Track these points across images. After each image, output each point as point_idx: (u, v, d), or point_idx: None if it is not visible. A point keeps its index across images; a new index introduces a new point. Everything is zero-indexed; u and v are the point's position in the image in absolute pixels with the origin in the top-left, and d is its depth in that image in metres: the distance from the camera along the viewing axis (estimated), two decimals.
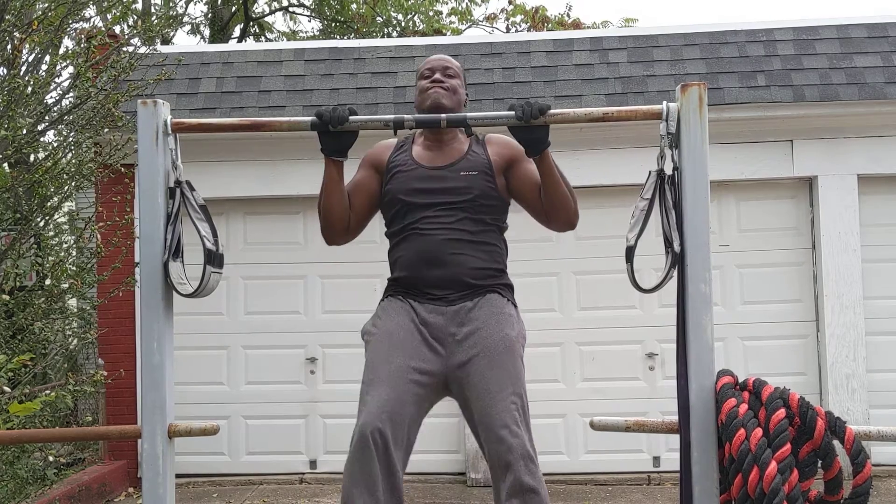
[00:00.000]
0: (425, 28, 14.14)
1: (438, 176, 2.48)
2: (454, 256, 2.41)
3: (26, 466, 5.08)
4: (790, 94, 6.00)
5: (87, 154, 5.29)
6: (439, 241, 2.42)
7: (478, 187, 2.46)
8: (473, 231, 2.45)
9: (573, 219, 2.47)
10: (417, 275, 2.44)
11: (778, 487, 1.78)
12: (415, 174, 2.50)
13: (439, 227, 2.43)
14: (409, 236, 2.47)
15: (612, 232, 5.96)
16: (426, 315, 2.40)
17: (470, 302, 2.41)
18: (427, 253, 2.42)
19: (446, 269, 2.41)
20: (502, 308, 2.43)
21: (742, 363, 6.14)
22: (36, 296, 5.05)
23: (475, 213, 2.46)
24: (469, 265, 2.42)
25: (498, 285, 2.48)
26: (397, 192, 2.50)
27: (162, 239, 2.19)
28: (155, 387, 2.16)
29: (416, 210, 2.46)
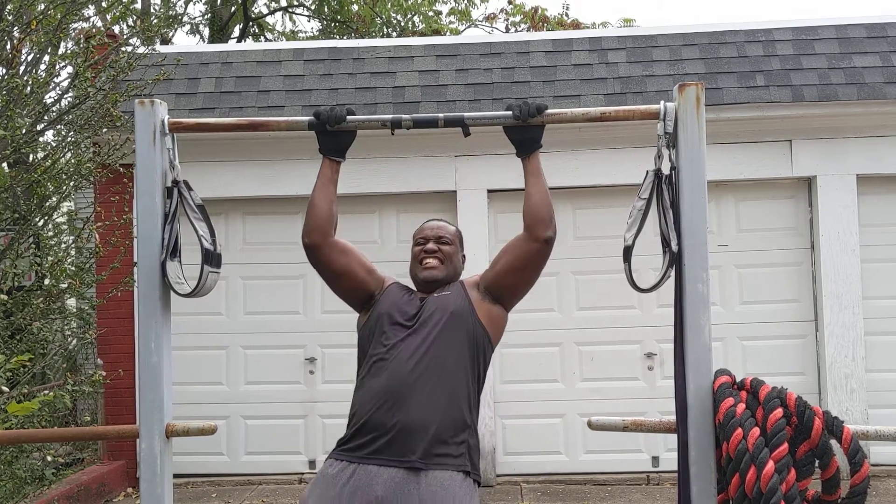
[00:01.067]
0: (424, 28, 14.14)
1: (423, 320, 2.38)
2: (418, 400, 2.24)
3: (24, 466, 5.08)
4: (789, 94, 6.00)
5: (85, 154, 5.29)
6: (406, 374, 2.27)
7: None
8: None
9: (551, 221, 2.31)
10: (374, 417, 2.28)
11: (775, 487, 1.78)
12: (404, 305, 2.42)
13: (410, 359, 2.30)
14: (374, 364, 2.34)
15: (611, 232, 5.97)
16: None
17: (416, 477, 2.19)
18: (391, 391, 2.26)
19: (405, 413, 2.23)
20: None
21: (741, 363, 6.14)
22: (34, 296, 5.05)
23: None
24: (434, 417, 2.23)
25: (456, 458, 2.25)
26: (381, 311, 2.40)
27: (160, 238, 2.19)
28: (153, 386, 2.16)
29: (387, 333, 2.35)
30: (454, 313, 2.35)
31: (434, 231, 2.54)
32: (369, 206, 6.42)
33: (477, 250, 5.94)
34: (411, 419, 2.20)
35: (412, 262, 2.54)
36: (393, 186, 6.33)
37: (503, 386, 6.28)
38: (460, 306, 2.37)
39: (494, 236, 6.24)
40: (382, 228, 6.46)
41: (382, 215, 6.47)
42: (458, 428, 2.26)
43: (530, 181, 2.33)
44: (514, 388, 6.28)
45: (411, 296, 2.46)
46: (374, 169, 6.24)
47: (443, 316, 2.34)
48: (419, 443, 2.19)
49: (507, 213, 6.20)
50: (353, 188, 6.09)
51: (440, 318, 2.34)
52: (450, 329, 2.33)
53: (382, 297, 2.45)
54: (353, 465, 2.23)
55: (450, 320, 2.34)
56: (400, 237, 6.36)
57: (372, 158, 6.18)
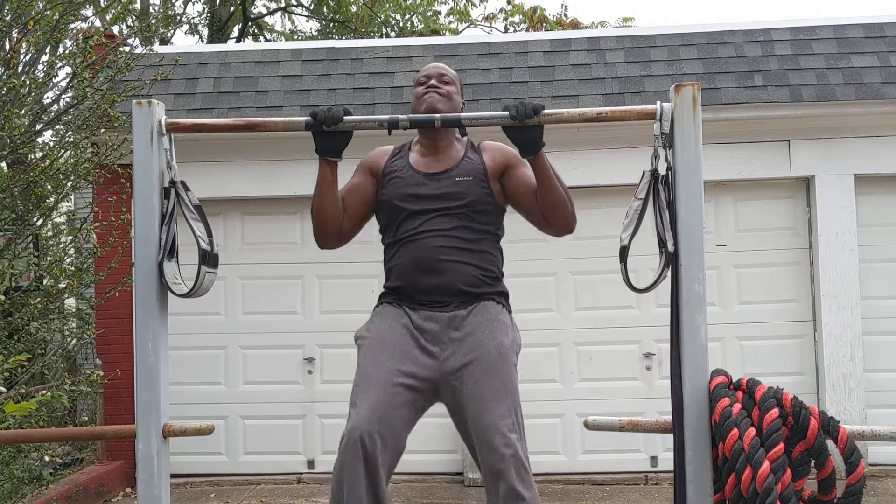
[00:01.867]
0: (423, 28, 14.14)
1: (434, 182, 2.48)
2: (449, 264, 2.40)
3: (22, 467, 5.08)
4: (787, 94, 6.00)
5: (83, 154, 5.28)
6: (434, 248, 2.40)
7: (473, 193, 2.45)
8: (469, 238, 2.44)
9: (571, 222, 2.46)
10: (412, 282, 2.43)
11: (771, 487, 1.78)
12: (410, 180, 2.49)
13: (434, 234, 2.42)
14: (403, 243, 2.46)
15: (609, 232, 5.94)
16: (420, 321, 2.39)
17: (464, 310, 2.40)
18: (421, 260, 2.41)
19: (441, 276, 2.40)
20: (497, 315, 2.42)
21: (739, 363, 6.15)
22: (33, 296, 5.05)
23: (470, 219, 2.45)
24: (464, 272, 2.41)
25: (493, 293, 2.47)
26: (392, 198, 2.49)
27: (157, 239, 2.19)
28: (150, 387, 2.17)
29: (410, 216, 2.46)
30: (474, 202, 2.46)
31: (436, 69, 2.60)
32: None
33: None
34: (445, 283, 2.40)
35: (414, 101, 2.58)
36: None
37: None
38: (480, 196, 2.47)
39: None
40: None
41: None
42: (489, 281, 2.46)
43: (541, 184, 2.39)
44: None
45: (417, 174, 2.50)
46: None
47: (462, 205, 2.44)
48: (457, 296, 2.41)
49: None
50: None
51: (461, 203, 2.44)
52: (471, 217, 2.45)
53: (384, 185, 2.53)
54: (401, 307, 2.44)
55: (470, 209, 2.45)
56: None
57: None
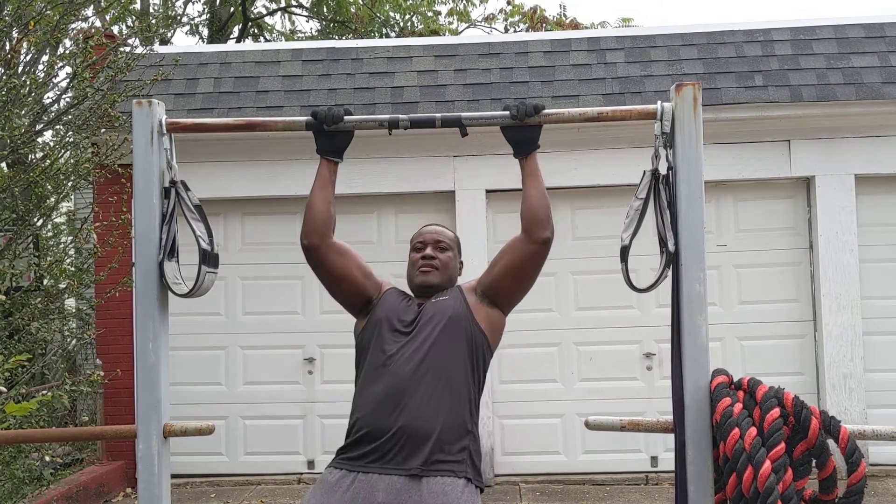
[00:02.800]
0: (423, 28, 14.14)
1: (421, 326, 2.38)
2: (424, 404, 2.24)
3: (23, 467, 5.08)
4: (787, 94, 6.00)
5: (83, 154, 5.28)
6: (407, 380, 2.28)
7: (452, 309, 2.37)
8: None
9: (549, 222, 2.31)
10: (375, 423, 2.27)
11: (772, 486, 1.78)
12: (400, 307, 2.42)
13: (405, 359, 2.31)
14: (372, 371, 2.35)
15: (609, 232, 5.96)
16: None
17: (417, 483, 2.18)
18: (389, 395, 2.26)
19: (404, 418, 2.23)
20: None
21: (740, 363, 6.15)
22: (33, 296, 5.05)
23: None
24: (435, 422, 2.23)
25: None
26: (379, 316, 2.40)
27: (157, 239, 2.19)
28: (150, 387, 2.16)
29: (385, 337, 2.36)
30: (452, 318, 2.35)
31: (432, 236, 2.53)
32: (367, 206, 6.42)
33: (475, 251, 5.95)
34: (413, 424, 2.19)
35: (409, 267, 2.54)
36: (391, 187, 6.33)
37: (502, 386, 6.28)
38: (458, 311, 2.37)
39: (493, 237, 6.24)
40: (381, 229, 6.45)
41: (381, 216, 6.47)
42: (459, 433, 2.25)
43: (528, 182, 2.32)
44: (513, 388, 6.28)
45: (409, 302, 2.46)
46: (373, 169, 6.24)
47: (441, 320, 2.34)
48: (421, 449, 2.18)
49: (505, 213, 6.21)
50: (352, 188, 6.09)
51: (438, 322, 2.34)
52: (449, 333, 2.32)
53: (380, 302, 2.45)
54: (353, 474, 2.22)
55: (448, 324, 2.33)
56: (398, 237, 6.36)
57: (370, 159, 6.18)
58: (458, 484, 2.19)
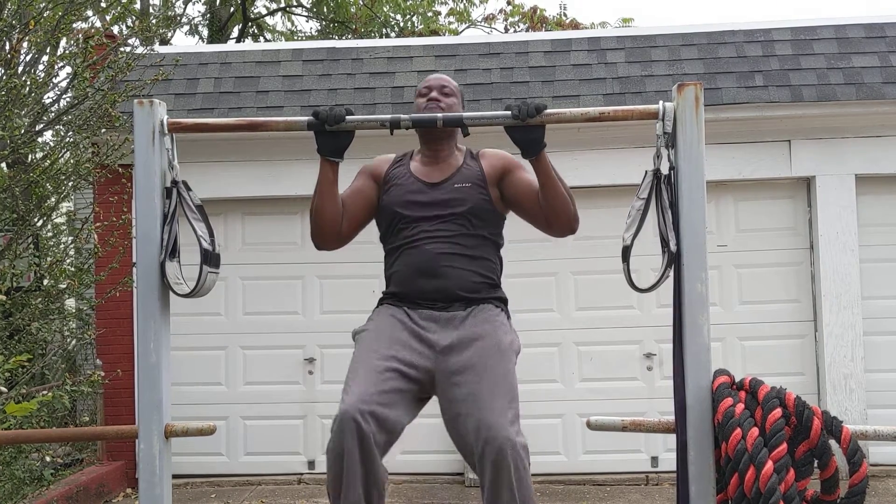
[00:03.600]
0: (423, 29, 14.13)
1: (434, 190, 2.48)
2: (448, 269, 2.40)
3: (23, 467, 5.08)
4: (788, 94, 6.00)
5: (84, 154, 5.28)
6: (434, 255, 2.40)
7: (471, 200, 2.45)
8: (468, 244, 2.44)
9: (573, 222, 2.42)
10: (412, 288, 2.42)
11: (774, 487, 1.78)
12: (411, 188, 2.49)
13: (434, 240, 2.42)
14: (403, 250, 2.46)
15: (610, 232, 5.96)
16: (419, 319, 2.39)
17: (464, 311, 2.40)
18: (422, 266, 2.41)
19: (440, 280, 2.40)
20: (496, 317, 2.42)
21: (740, 363, 6.14)
22: (33, 296, 5.05)
23: (470, 226, 2.44)
24: (463, 279, 2.41)
25: (492, 298, 2.48)
26: (393, 205, 2.49)
27: (158, 239, 2.18)
28: (151, 387, 2.16)
29: (411, 223, 2.45)
30: (473, 208, 2.46)
31: (438, 81, 2.58)
32: None
33: None
34: (447, 286, 2.39)
35: (415, 112, 2.56)
36: None
37: None
38: (479, 204, 2.47)
39: None
40: None
41: None
42: (489, 289, 2.46)
43: (544, 183, 2.36)
44: None
45: (418, 182, 2.51)
46: None
47: (463, 211, 2.44)
48: (458, 301, 2.40)
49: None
50: None
51: (461, 210, 2.44)
52: (471, 223, 2.45)
53: (385, 192, 2.53)
54: (405, 306, 2.43)
55: (469, 215, 2.44)
56: None
57: (370, 159, 6.16)
58: (495, 309, 2.45)
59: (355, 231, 2.57)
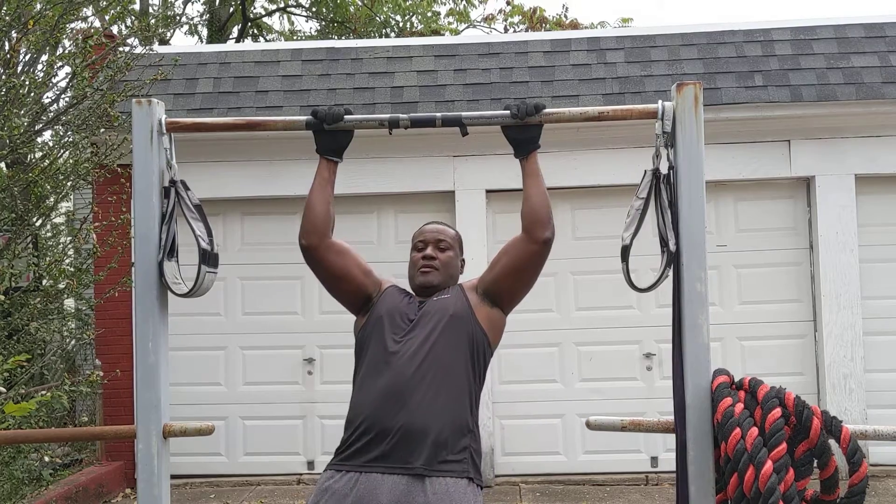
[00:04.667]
0: (423, 29, 14.13)
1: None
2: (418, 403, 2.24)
3: (22, 467, 5.07)
4: (788, 94, 6.00)
5: (83, 154, 5.28)
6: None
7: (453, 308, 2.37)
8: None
9: (549, 223, 2.30)
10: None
11: (774, 487, 1.77)
12: (401, 304, 2.42)
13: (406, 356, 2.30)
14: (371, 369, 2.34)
15: (609, 232, 5.95)
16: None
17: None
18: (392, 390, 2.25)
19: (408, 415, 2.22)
20: None
21: (740, 363, 6.14)
22: (32, 296, 5.04)
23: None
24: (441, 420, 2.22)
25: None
26: (380, 313, 2.40)
27: (157, 239, 2.18)
28: (150, 387, 2.16)
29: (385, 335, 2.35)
30: (454, 315, 2.35)
31: (433, 235, 2.52)
32: (367, 206, 6.41)
33: (475, 251, 5.94)
34: (414, 421, 2.18)
35: (410, 267, 2.53)
36: (391, 186, 6.32)
37: (502, 386, 6.27)
38: (459, 309, 2.37)
39: (493, 236, 6.24)
40: (381, 228, 6.45)
41: (381, 215, 6.47)
42: (461, 432, 2.24)
43: (528, 182, 2.31)
44: (513, 389, 6.28)
45: (410, 299, 2.46)
46: (373, 169, 6.23)
47: (442, 318, 2.34)
48: (422, 448, 2.17)
49: (505, 213, 6.20)
50: (352, 188, 6.09)
51: (440, 320, 2.34)
52: (450, 331, 2.32)
53: (380, 300, 2.44)
54: (354, 475, 2.20)
55: (449, 322, 2.33)
56: (398, 237, 6.36)
57: (370, 158, 6.18)
58: (460, 484, 2.19)
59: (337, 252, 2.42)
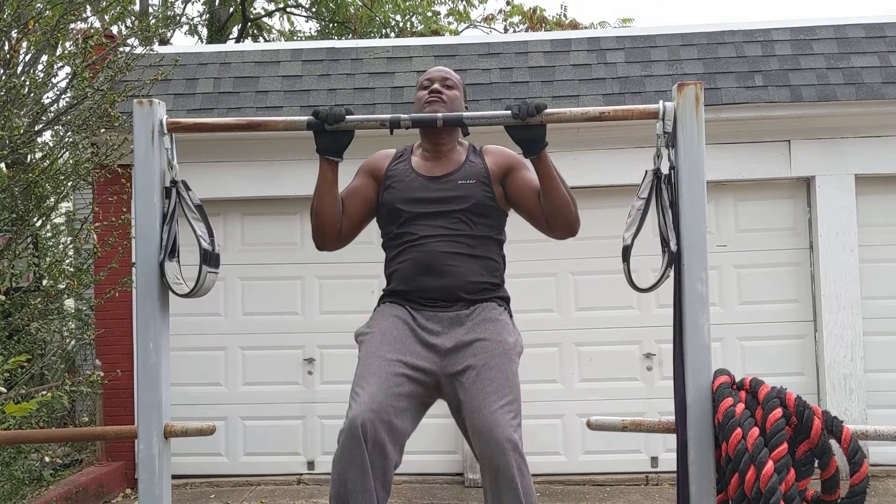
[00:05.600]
0: (423, 29, 14.13)
1: (436, 186, 2.46)
2: (451, 268, 2.38)
3: (22, 467, 5.07)
4: (788, 94, 6.00)
5: (83, 154, 5.28)
6: (436, 253, 2.39)
7: (475, 196, 2.43)
8: (471, 243, 2.42)
9: (574, 224, 2.41)
10: (415, 286, 2.40)
11: (774, 487, 1.77)
12: (412, 184, 2.47)
13: (436, 238, 2.40)
14: (405, 247, 2.44)
15: (609, 232, 5.95)
16: (422, 320, 2.38)
17: (467, 310, 2.39)
18: (424, 264, 2.39)
19: (444, 279, 2.38)
20: (498, 316, 2.40)
21: (740, 363, 6.14)
22: (33, 296, 5.04)
23: (473, 223, 2.43)
24: (465, 277, 2.39)
25: (495, 297, 2.45)
26: (394, 202, 2.47)
27: (158, 239, 2.18)
28: (151, 387, 2.16)
29: (412, 220, 2.43)
30: (477, 206, 2.44)
31: (439, 73, 2.57)
32: None
33: None
34: (450, 285, 2.38)
35: (417, 105, 2.56)
36: None
37: None
38: (483, 199, 2.45)
39: None
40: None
41: None
42: (490, 286, 2.45)
43: (546, 185, 2.36)
44: None
45: (420, 178, 2.49)
46: None
47: (466, 205, 2.42)
48: (461, 300, 2.39)
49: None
50: None
51: (464, 206, 2.42)
52: (476, 219, 2.43)
53: (385, 189, 2.51)
54: (407, 305, 2.41)
55: (473, 211, 2.43)
56: None
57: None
58: (498, 308, 2.43)
59: (356, 231, 2.56)
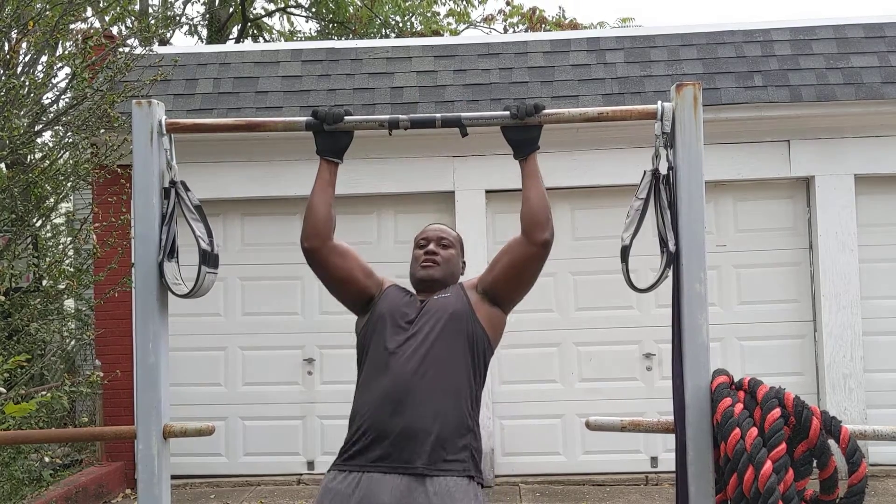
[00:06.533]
0: (423, 29, 14.13)
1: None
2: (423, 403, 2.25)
3: (22, 468, 5.06)
4: (787, 94, 6.00)
5: (83, 154, 5.28)
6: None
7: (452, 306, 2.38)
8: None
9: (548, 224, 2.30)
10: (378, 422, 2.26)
11: (773, 487, 1.78)
12: (402, 302, 2.43)
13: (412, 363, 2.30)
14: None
15: (609, 232, 5.96)
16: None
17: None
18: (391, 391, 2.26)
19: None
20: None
21: (739, 363, 6.14)
22: (32, 296, 5.04)
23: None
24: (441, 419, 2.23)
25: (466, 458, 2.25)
26: (380, 312, 2.40)
27: (157, 239, 2.18)
28: (150, 387, 2.16)
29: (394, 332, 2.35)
30: (454, 314, 2.35)
31: (436, 233, 2.55)
32: (367, 206, 6.42)
33: (475, 250, 5.94)
34: (414, 421, 2.19)
35: (412, 263, 2.55)
36: (391, 187, 6.33)
37: (501, 386, 6.27)
38: (460, 307, 2.38)
39: (492, 237, 6.24)
40: (380, 229, 6.45)
41: (380, 216, 6.47)
42: (461, 431, 2.25)
43: (528, 184, 2.31)
44: (513, 389, 6.28)
45: (411, 298, 2.46)
46: (372, 169, 6.23)
47: (442, 316, 2.35)
48: (423, 448, 2.18)
49: (505, 213, 6.21)
50: (351, 188, 6.09)
51: (440, 318, 2.34)
52: (450, 330, 2.33)
53: (381, 299, 2.45)
54: (357, 475, 2.21)
55: (450, 321, 2.34)
56: (398, 237, 6.36)
57: (370, 159, 6.18)
58: (461, 483, 2.20)
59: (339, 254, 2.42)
